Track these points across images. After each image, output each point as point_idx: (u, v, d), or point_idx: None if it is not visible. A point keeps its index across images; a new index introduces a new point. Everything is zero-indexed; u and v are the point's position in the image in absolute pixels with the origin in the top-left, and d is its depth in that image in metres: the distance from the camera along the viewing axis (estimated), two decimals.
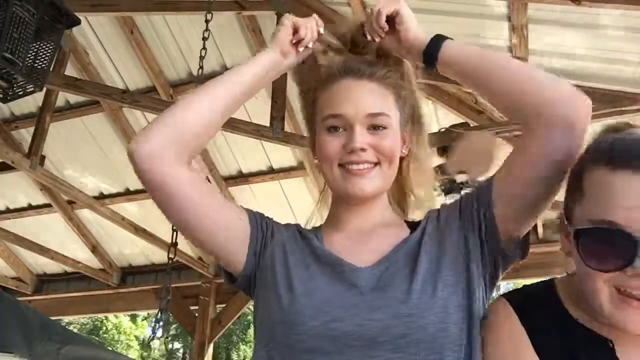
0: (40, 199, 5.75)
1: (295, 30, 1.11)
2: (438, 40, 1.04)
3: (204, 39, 2.78)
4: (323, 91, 1.06)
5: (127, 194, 5.62)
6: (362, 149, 0.98)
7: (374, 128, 1.00)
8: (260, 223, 1.05)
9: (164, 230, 5.58)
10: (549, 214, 5.11)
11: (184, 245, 5.68)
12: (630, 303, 0.75)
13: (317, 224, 1.13)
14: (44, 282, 6.59)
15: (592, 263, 0.77)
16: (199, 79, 2.80)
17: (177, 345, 19.11)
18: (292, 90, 4.44)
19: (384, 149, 1.00)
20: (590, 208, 0.79)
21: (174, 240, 2.40)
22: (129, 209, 5.59)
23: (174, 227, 2.36)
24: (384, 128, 1.01)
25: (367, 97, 1.02)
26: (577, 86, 3.55)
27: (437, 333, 0.86)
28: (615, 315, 0.76)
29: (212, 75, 3.05)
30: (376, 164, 1.00)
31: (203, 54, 2.77)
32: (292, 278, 0.96)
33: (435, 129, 4.27)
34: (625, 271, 0.74)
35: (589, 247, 0.78)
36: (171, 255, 2.43)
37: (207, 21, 2.85)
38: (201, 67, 2.81)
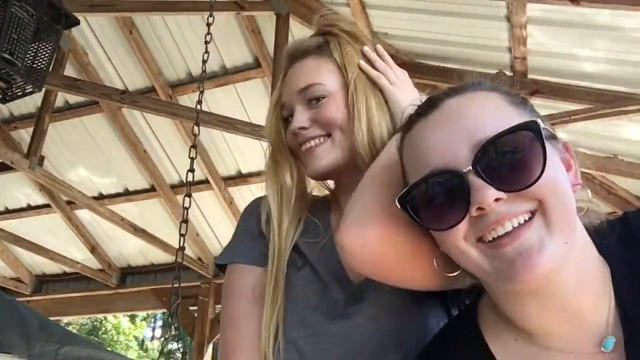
0: (39, 199, 5.75)
1: None
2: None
3: (206, 42, 2.77)
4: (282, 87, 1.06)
5: (126, 195, 5.62)
6: (302, 127, 0.97)
7: (313, 101, 0.97)
8: None
9: (163, 231, 5.58)
10: None
11: None
12: (501, 245, 0.63)
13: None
14: (43, 282, 6.58)
15: (436, 222, 0.67)
16: (202, 83, 2.78)
17: (176, 345, 19.08)
18: None
19: (324, 118, 0.96)
20: (409, 176, 0.73)
21: (181, 244, 2.39)
22: (128, 210, 5.59)
23: (181, 231, 2.36)
24: (322, 97, 0.97)
25: (298, 76, 1.00)
26: (577, 86, 3.56)
27: None
28: (501, 269, 0.63)
29: (211, 76, 3.07)
30: (328, 135, 0.97)
31: (205, 58, 2.76)
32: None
33: None
34: (471, 214, 0.63)
35: (422, 210, 0.68)
36: (179, 260, 2.43)
37: (208, 24, 2.83)
38: (204, 72, 2.80)
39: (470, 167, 0.63)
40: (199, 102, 2.73)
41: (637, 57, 3.29)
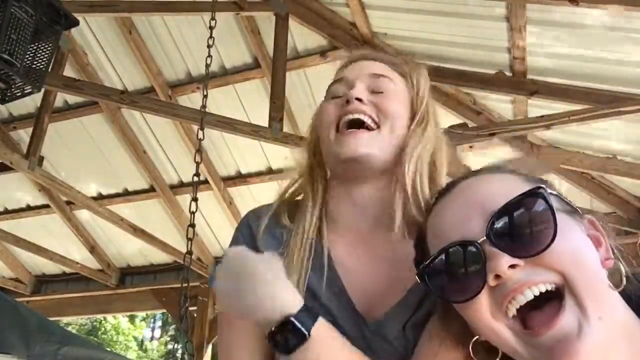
0: (38, 199, 5.75)
1: None
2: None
3: (209, 46, 2.76)
4: (336, 75, 1.01)
5: (126, 195, 5.62)
6: (359, 99, 0.90)
7: (377, 92, 0.93)
8: None
9: (162, 231, 5.59)
10: None
11: (181, 245, 5.67)
12: (539, 334, 0.62)
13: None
14: (43, 282, 6.58)
15: (455, 295, 0.67)
16: (205, 87, 2.78)
17: (179, 347, 19.09)
18: (291, 92, 4.44)
19: (385, 108, 0.91)
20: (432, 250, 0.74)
21: (189, 249, 2.38)
22: (128, 210, 5.59)
23: (189, 235, 2.36)
24: (389, 92, 0.93)
25: (374, 65, 0.97)
26: (577, 86, 3.58)
27: None
28: (539, 358, 0.63)
29: (211, 76, 3.06)
30: (375, 127, 0.90)
31: (209, 62, 2.75)
32: None
33: None
34: (489, 284, 0.64)
35: (439, 283, 0.69)
36: (187, 264, 2.42)
37: (211, 28, 2.82)
38: (207, 76, 2.80)
39: (485, 237, 0.64)
40: (203, 106, 2.72)
41: (637, 57, 3.29)
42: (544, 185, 0.67)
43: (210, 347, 5.66)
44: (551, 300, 0.63)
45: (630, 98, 3.40)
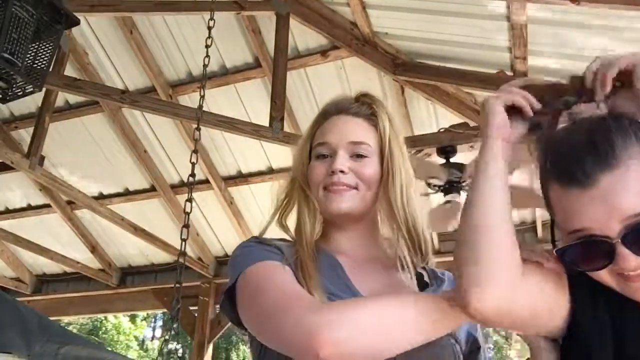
0: (39, 199, 5.75)
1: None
2: None
3: (207, 46, 2.76)
4: (317, 128, 1.18)
5: (127, 194, 5.62)
6: (342, 171, 1.08)
7: (357, 156, 1.10)
8: None
9: (163, 231, 5.59)
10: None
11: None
12: (632, 280, 0.81)
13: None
14: (44, 282, 6.59)
15: (584, 266, 0.85)
16: (203, 88, 2.78)
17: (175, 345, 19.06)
18: (292, 91, 4.45)
19: (363, 174, 1.09)
20: (561, 223, 0.87)
21: (182, 249, 2.39)
22: (129, 209, 5.59)
23: (183, 236, 2.37)
24: (365, 157, 1.10)
25: (351, 128, 1.13)
26: None
27: None
28: (626, 291, 0.83)
29: (211, 76, 3.06)
30: (354, 188, 1.09)
31: (207, 62, 2.75)
32: None
33: (435, 129, 4.28)
34: (613, 270, 0.82)
35: (574, 259, 0.85)
36: (181, 263, 2.43)
37: (209, 28, 2.82)
38: (205, 77, 2.80)
39: (619, 240, 0.79)
40: (200, 107, 2.71)
41: None
42: None
43: (210, 346, 5.66)
44: None
45: None
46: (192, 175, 2.49)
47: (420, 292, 1.05)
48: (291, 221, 1.15)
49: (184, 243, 2.31)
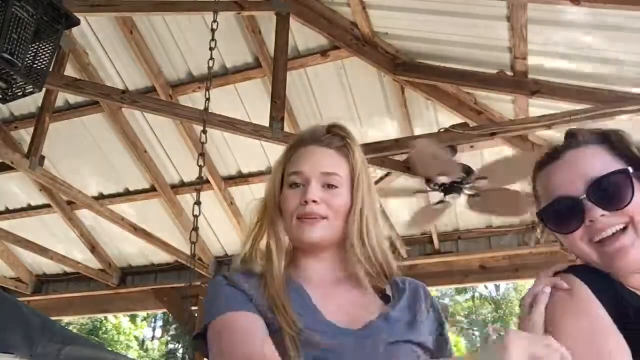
0: (39, 199, 5.75)
1: None
2: None
3: (211, 49, 2.75)
4: (290, 155, 1.23)
5: (127, 194, 5.62)
6: (314, 201, 1.13)
7: (328, 186, 1.16)
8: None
9: (163, 231, 5.59)
10: None
11: (182, 245, 5.69)
12: (606, 244, 0.98)
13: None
14: (43, 282, 6.59)
15: (562, 228, 1.04)
16: (207, 91, 2.78)
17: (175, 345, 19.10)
18: (292, 91, 4.45)
19: (333, 204, 1.14)
20: (543, 202, 1.07)
21: (193, 252, 2.39)
22: (128, 209, 5.60)
23: (192, 239, 2.39)
24: (336, 187, 1.16)
25: (324, 159, 1.19)
26: (578, 86, 3.56)
27: None
28: (606, 259, 0.99)
29: (211, 75, 3.07)
30: (324, 217, 1.14)
31: (211, 65, 2.74)
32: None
33: (435, 129, 4.28)
34: (585, 225, 0.99)
35: (552, 220, 1.05)
36: (192, 278, 2.44)
37: (213, 30, 2.82)
38: (210, 81, 2.80)
39: (585, 196, 0.99)
40: (205, 109, 2.71)
41: (637, 57, 3.29)
42: (628, 167, 0.99)
43: None
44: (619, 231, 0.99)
45: (631, 98, 3.41)
46: (200, 178, 2.49)
47: None
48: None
49: (193, 246, 2.32)
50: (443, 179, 3.87)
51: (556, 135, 4.12)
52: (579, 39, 3.34)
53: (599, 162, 1.02)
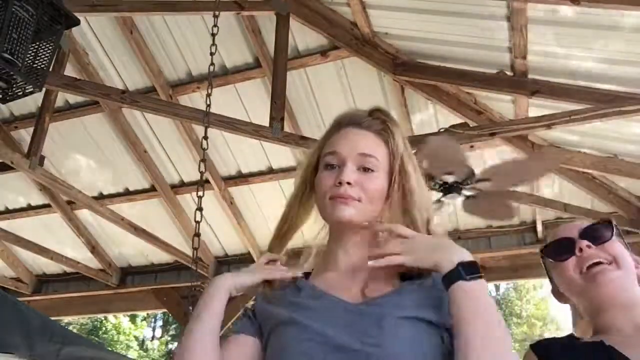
0: (39, 199, 5.75)
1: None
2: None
3: (212, 54, 2.74)
4: (329, 138, 1.21)
5: (127, 194, 5.62)
6: (349, 183, 1.10)
7: (364, 170, 1.13)
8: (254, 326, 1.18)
9: (163, 231, 5.59)
10: (549, 214, 5.18)
11: (182, 245, 5.69)
12: (593, 271, 1.20)
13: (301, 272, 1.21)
14: (43, 282, 6.58)
15: (555, 257, 1.29)
16: (209, 94, 2.77)
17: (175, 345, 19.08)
18: (292, 91, 4.45)
19: (368, 188, 1.12)
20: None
21: (194, 256, 2.39)
22: (129, 209, 5.59)
23: (194, 245, 2.39)
24: (372, 171, 1.13)
25: (361, 140, 1.16)
26: (578, 86, 3.57)
27: None
28: (591, 287, 1.20)
29: (212, 76, 3.07)
30: (358, 200, 1.12)
31: (212, 69, 2.73)
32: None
33: (435, 129, 4.28)
34: (576, 255, 1.23)
35: (550, 254, 1.32)
36: (194, 279, 2.45)
37: (213, 35, 2.81)
38: (210, 84, 2.79)
39: (578, 237, 1.26)
40: (207, 113, 2.70)
41: (637, 57, 3.29)
42: (613, 221, 1.28)
43: None
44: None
45: (631, 97, 3.40)
46: (202, 185, 2.48)
47: None
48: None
49: (195, 252, 2.31)
50: (447, 178, 3.84)
51: (556, 134, 4.13)
52: (579, 39, 3.34)
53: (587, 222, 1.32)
